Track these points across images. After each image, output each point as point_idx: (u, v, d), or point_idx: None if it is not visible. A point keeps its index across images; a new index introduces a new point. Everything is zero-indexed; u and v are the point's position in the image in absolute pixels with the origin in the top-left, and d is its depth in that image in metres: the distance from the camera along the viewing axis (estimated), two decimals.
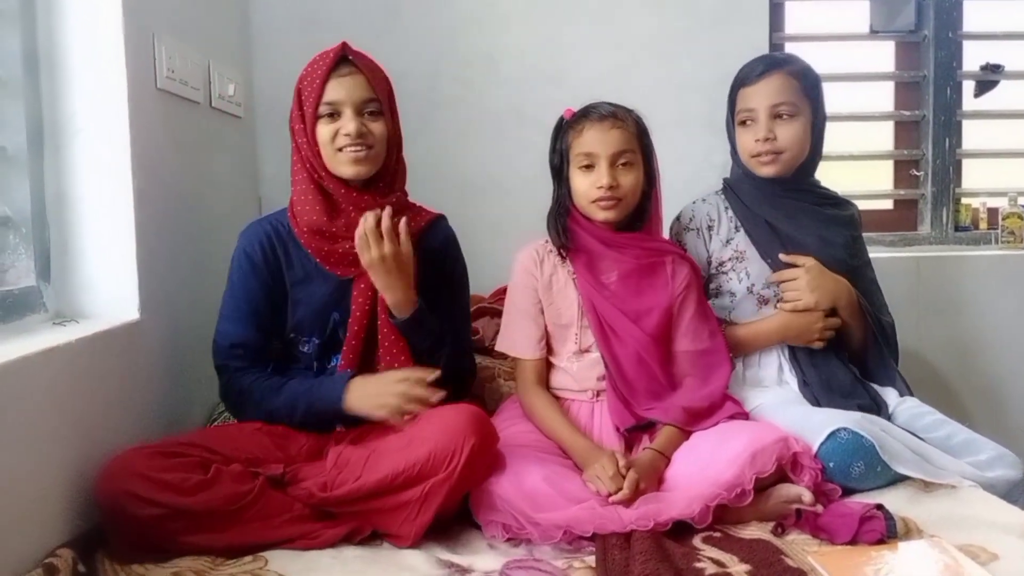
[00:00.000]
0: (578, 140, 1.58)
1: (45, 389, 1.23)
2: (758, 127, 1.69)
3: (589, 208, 1.59)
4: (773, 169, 1.70)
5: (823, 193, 1.81)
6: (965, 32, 2.59)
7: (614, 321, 1.59)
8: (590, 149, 1.57)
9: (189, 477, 1.29)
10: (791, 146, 1.69)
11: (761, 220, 1.74)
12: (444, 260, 1.62)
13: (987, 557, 1.19)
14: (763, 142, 1.68)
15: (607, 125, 1.56)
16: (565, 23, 2.37)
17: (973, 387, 2.45)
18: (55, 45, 1.47)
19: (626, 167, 1.57)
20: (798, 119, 1.69)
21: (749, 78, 1.72)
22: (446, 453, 1.29)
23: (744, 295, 1.74)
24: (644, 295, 1.61)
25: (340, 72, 1.50)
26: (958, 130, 2.61)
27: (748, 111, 1.71)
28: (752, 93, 1.70)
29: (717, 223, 1.78)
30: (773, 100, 1.68)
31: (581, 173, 1.58)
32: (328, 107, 1.50)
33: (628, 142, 1.57)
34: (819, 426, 1.46)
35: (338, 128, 1.49)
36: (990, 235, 2.62)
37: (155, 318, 1.58)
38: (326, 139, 1.50)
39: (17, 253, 1.45)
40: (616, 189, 1.56)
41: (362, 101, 1.51)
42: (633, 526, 1.28)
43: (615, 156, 1.56)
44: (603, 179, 1.55)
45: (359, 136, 1.48)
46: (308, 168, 1.53)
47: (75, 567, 1.17)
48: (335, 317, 1.53)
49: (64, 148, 1.48)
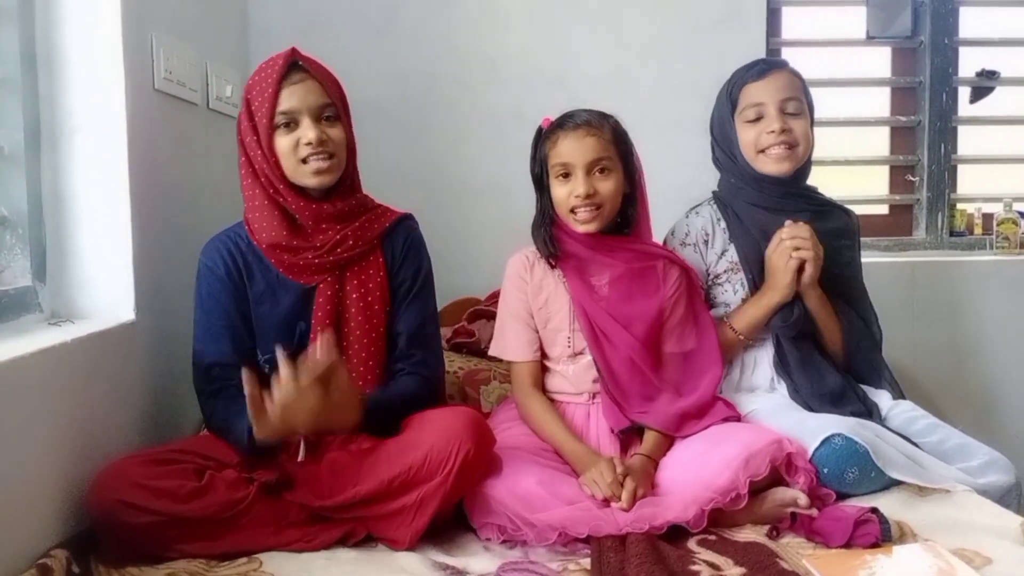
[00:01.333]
0: (555, 150, 1.58)
1: (40, 389, 1.23)
2: (769, 120, 1.67)
3: (568, 218, 1.60)
4: (786, 165, 1.68)
5: (820, 200, 1.79)
6: (961, 38, 2.60)
7: (605, 326, 1.59)
8: (566, 159, 1.56)
9: (184, 484, 1.28)
10: (803, 140, 1.68)
11: (752, 236, 1.71)
12: (404, 261, 1.57)
13: (981, 561, 1.19)
14: (778, 133, 1.65)
15: (581, 133, 1.56)
16: (565, 25, 2.38)
17: (967, 392, 2.46)
18: (53, 44, 1.47)
19: (603, 173, 1.57)
20: (805, 116, 1.69)
21: (753, 75, 1.70)
22: (442, 457, 1.29)
23: (738, 306, 1.73)
24: (635, 299, 1.61)
25: (292, 79, 1.45)
26: (954, 136, 2.62)
27: (757, 105, 1.68)
28: (760, 88, 1.69)
29: (712, 236, 1.76)
30: (783, 94, 1.67)
31: (559, 182, 1.58)
32: (284, 116, 1.45)
33: (604, 149, 1.57)
34: (813, 432, 1.46)
35: (298, 138, 1.45)
36: (985, 240, 2.63)
37: (151, 319, 1.57)
38: (287, 150, 1.45)
39: (13, 253, 1.44)
40: (594, 196, 1.56)
41: (318, 107, 1.46)
42: (628, 529, 1.28)
43: (591, 164, 1.56)
44: (580, 188, 1.55)
45: (320, 143, 1.45)
46: (263, 182, 1.48)
47: (69, 568, 1.17)
48: (301, 327, 1.50)
49: (61, 147, 1.48)
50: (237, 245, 1.52)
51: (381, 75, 2.28)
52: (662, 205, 1.74)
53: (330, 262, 1.50)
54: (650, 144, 1.68)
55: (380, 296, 1.53)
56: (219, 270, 1.50)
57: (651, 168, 1.68)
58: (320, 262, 1.49)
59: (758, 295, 1.68)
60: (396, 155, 2.24)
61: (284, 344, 1.47)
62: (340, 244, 1.50)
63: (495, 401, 1.84)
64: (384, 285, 1.54)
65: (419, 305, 1.57)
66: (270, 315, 1.51)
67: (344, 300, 1.51)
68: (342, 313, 1.50)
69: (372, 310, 1.52)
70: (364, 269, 1.53)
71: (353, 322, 1.50)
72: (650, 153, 1.69)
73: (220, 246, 1.53)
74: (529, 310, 1.65)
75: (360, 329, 1.51)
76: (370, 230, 1.55)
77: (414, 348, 1.54)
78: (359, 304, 1.51)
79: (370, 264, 1.54)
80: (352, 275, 1.52)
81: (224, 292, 1.50)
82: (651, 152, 1.69)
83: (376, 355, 1.52)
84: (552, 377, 1.65)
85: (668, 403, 1.56)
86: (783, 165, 1.68)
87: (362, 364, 1.50)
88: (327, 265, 1.50)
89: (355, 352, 1.50)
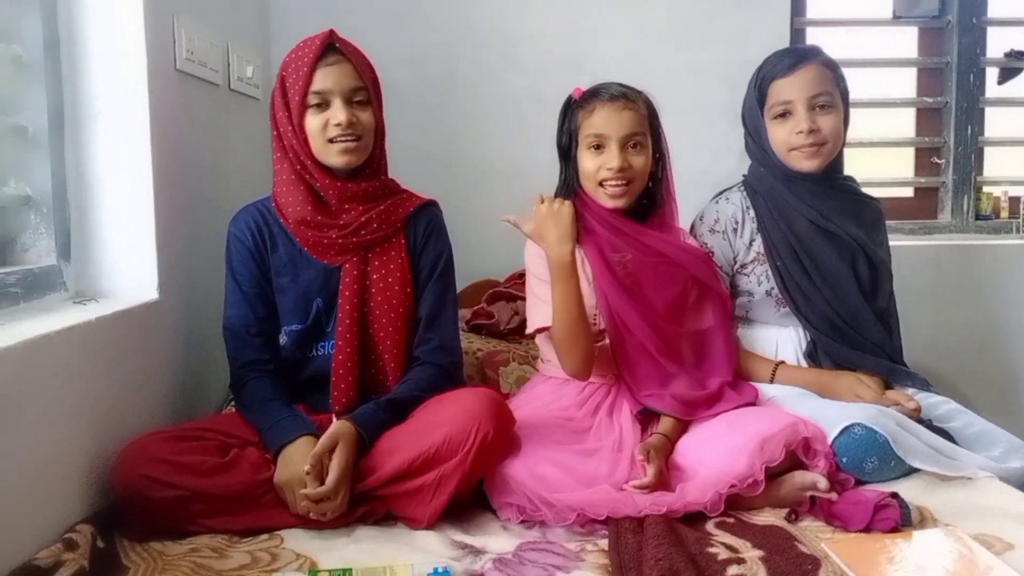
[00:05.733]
0: (588, 120, 1.56)
1: (65, 367, 1.25)
2: (798, 119, 1.63)
3: (596, 191, 1.58)
4: (816, 163, 1.65)
5: (855, 190, 1.76)
6: (989, 18, 2.56)
7: (621, 307, 1.56)
8: (601, 130, 1.55)
9: (206, 460, 1.31)
10: (832, 137, 1.64)
11: (780, 228, 1.68)
12: (426, 246, 1.58)
13: (1002, 547, 1.18)
14: (806, 134, 1.62)
15: (619, 106, 1.55)
16: (584, 7, 2.36)
17: (991, 376, 2.44)
18: (75, 27, 1.47)
19: (636, 149, 1.56)
20: (836, 109, 1.65)
21: (781, 70, 1.66)
22: (461, 437, 1.30)
23: (763, 297, 1.72)
24: (655, 284, 1.59)
25: (327, 60, 1.47)
26: (981, 117, 2.59)
27: (785, 103, 1.65)
28: (788, 85, 1.65)
29: (740, 225, 1.73)
30: (811, 91, 1.63)
31: (590, 154, 1.57)
32: (316, 96, 1.46)
33: (639, 124, 1.56)
34: (833, 420, 1.45)
35: (327, 118, 1.46)
36: (1011, 224, 2.60)
37: (174, 298, 1.59)
38: (316, 129, 1.47)
39: (38, 233, 1.46)
40: (627, 171, 1.54)
41: (351, 90, 1.48)
42: (647, 511, 1.29)
43: (626, 138, 1.54)
44: (614, 161, 1.53)
45: (349, 125, 1.46)
46: (291, 158, 1.50)
47: (94, 542, 1.18)
48: (318, 303, 1.52)
49: (84, 129, 1.49)
50: (264, 217, 1.55)
51: (400, 58, 2.28)
52: (682, 189, 1.72)
53: (354, 243, 1.51)
54: (670, 127, 1.67)
55: (401, 278, 1.54)
56: (247, 240, 1.53)
57: (671, 152, 1.66)
58: (344, 242, 1.50)
59: (816, 375, 1.67)
60: (415, 138, 2.23)
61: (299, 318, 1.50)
62: (365, 226, 1.51)
63: (514, 382, 1.84)
64: (405, 268, 1.55)
65: (439, 291, 1.58)
66: (289, 289, 1.53)
67: (367, 282, 1.52)
68: (365, 295, 1.52)
69: (393, 291, 1.53)
70: (387, 251, 1.54)
71: (373, 303, 1.52)
72: (670, 137, 1.67)
73: (248, 217, 1.55)
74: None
75: (380, 310, 1.52)
76: (394, 214, 1.55)
77: (431, 333, 1.55)
78: (380, 285, 1.52)
79: (392, 247, 1.55)
80: (374, 256, 1.53)
81: (253, 261, 1.53)
82: (671, 136, 1.67)
83: (399, 336, 1.53)
84: None
85: (680, 387, 1.55)
86: (812, 162, 1.65)
87: (385, 345, 1.51)
88: (350, 246, 1.51)
89: (377, 333, 1.52)
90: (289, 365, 1.55)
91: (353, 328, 1.49)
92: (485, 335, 2.03)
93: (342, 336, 1.49)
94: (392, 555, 1.22)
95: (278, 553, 1.23)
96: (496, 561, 1.21)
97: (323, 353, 1.53)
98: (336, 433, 1.33)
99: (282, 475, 1.32)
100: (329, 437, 1.32)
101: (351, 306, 1.49)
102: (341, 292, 1.50)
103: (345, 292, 1.50)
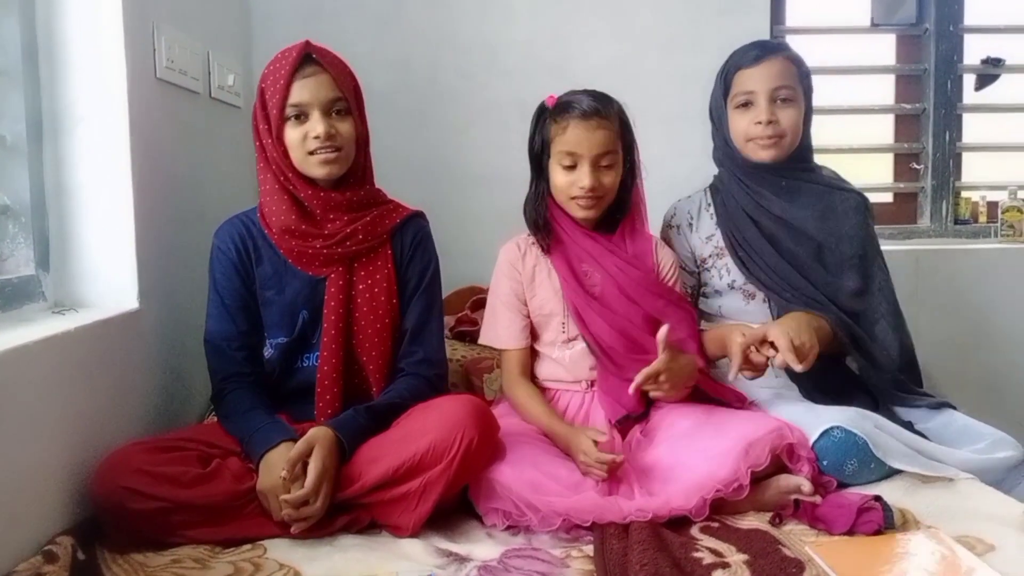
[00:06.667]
0: (561, 137, 1.56)
1: (44, 377, 1.23)
2: (759, 110, 1.66)
3: (568, 203, 1.59)
4: (772, 153, 1.67)
5: (828, 176, 1.78)
6: (966, 25, 2.59)
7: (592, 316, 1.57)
8: (573, 149, 1.55)
9: (188, 470, 1.30)
10: (791, 130, 1.67)
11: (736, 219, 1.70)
12: (412, 258, 1.58)
13: (984, 548, 1.19)
14: (765, 125, 1.65)
15: (592, 125, 1.54)
16: (567, 14, 2.37)
17: (973, 380, 2.45)
18: (55, 34, 1.46)
19: (608, 168, 1.56)
20: (796, 104, 1.67)
21: (747, 60, 1.69)
22: (446, 444, 1.29)
23: (727, 291, 1.74)
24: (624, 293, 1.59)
25: (305, 72, 1.46)
26: (958, 123, 2.61)
27: (747, 93, 1.68)
28: (752, 75, 1.67)
29: (696, 220, 1.77)
30: (774, 83, 1.66)
31: (562, 170, 1.57)
32: (295, 109, 1.46)
33: (611, 142, 1.56)
34: (813, 424, 1.45)
35: (306, 131, 1.46)
36: (990, 228, 2.63)
37: (154, 307, 1.58)
38: (295, 142, 1.46)
39: (16, 242, 1.45)
40: (597, 189, 1.55)
41: (329, 101, 1.47)
42: (632, 517, 1.29)
43: (598, 157, 1.55)
44: (585, 180, 1.54)
45: (328, 138, 1.45)
46: (274, 169, 1.50)
47: (74, 554, 1.17)
48: (304, 316, 1.51)
49: (63, 137, 1.48)
50: (248, 229, 1.54)
51: (383, 64, 2.28)
52: (665, 196, 1.73)
53: (339, 254, 1.50)
54: (652, 134, 1.67)
55: (387, 289, 1.53)
56: (231, 252, 1.52)
57: (654, 158, 1.67)
58: (329, 253, 1.50)
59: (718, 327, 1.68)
60: (398, 144, 2.23)
61: (286, 330, 1.49)
62: (350, 237, 1.51)
63: (498, 389, 1.84)
64: (392, 280, 1.54)
65: (425, 303, 1.58)
66: (274, 301, 1.52)
67: (352, 293, 1.51)
68: (351, 306, 1.51)
69: (379, 303, 1.52)
70: (372, 262, 1.54)
71: (359, 314, 1.51)
72: (652, 143, 1.68)
73: (232, 229, 1.54)
74: (521, 297, 1.65)
75: (366, 320, 1.51)
76: (380, 225, 1.55)
77: (415, 345, 1.55)
78: (365, 296, 1.52)
79: (379, 258, 1.54)
80: (360, 268, 1.53)
81: (236, 274, 1.52)
82: (653, 142, 1.68)
83: (384, 348, 1.52)
84: (546, 364, 1.65)
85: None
86: (768, 152, 1.67)
87: (370, 356, 1.51)
88: (335, 257, 1.50)
89: (363, 345, 1.51)
90: (274, 377, 1.54)
91: (338, 340, 1.49)
92: (469, 342, 2.03)
93: (327, 348, 1.48)
94: (377, 563, 1.22)
95: (261, 563, 1.22)
96: (481, 568, 1.20)
97: (308, 365, 1.52)
98: (312, 437, 1.32)
99: (264, 482, 1.31)
100: (305, 442, 1.32)
101: (336, 317, 1.49)
102: (327, 303, 1.49)
103: (331, 303, 1.49)
